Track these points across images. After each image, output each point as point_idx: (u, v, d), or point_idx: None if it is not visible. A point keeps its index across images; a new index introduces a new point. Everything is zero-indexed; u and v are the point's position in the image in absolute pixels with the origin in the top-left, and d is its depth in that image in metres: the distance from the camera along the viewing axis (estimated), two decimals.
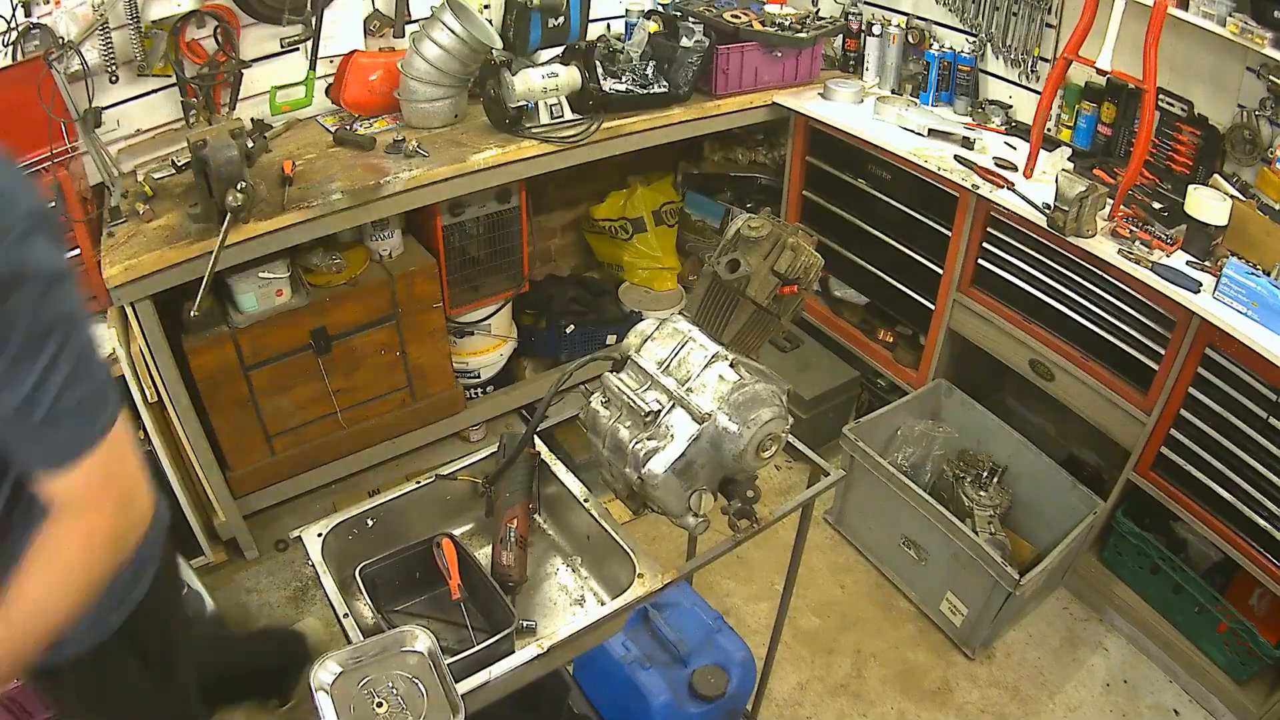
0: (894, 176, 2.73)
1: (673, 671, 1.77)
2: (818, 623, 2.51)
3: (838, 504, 2.78)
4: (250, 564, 2.59)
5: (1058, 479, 2.50)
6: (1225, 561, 2.23)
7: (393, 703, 1.10)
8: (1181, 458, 2.18)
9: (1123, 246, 2.13)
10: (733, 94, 2.87)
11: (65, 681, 1.18)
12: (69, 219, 1.97)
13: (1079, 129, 2.56)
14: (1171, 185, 2.30)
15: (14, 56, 2.02)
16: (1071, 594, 2.62)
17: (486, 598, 1.33)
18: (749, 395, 1.22)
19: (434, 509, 1.49)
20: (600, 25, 3.00)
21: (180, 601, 1.31)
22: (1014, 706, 2.31)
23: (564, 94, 2.56)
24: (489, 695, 1.16)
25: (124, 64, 2.20)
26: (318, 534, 1.34)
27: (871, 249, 2.90)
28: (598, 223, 3.49)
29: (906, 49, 2.96)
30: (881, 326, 3.05)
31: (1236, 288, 1.94)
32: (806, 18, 3.01)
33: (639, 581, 1.29)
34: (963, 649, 2.43)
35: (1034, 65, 2.68)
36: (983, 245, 2.51)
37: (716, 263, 1.32)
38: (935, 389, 2.78)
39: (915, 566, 2.52)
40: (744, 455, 1.22)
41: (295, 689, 2.04)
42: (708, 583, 2.55)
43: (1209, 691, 2.28)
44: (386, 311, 2.55)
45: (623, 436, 1.27)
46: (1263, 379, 1.96)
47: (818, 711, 2.27)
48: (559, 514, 1.52)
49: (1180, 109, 2.29)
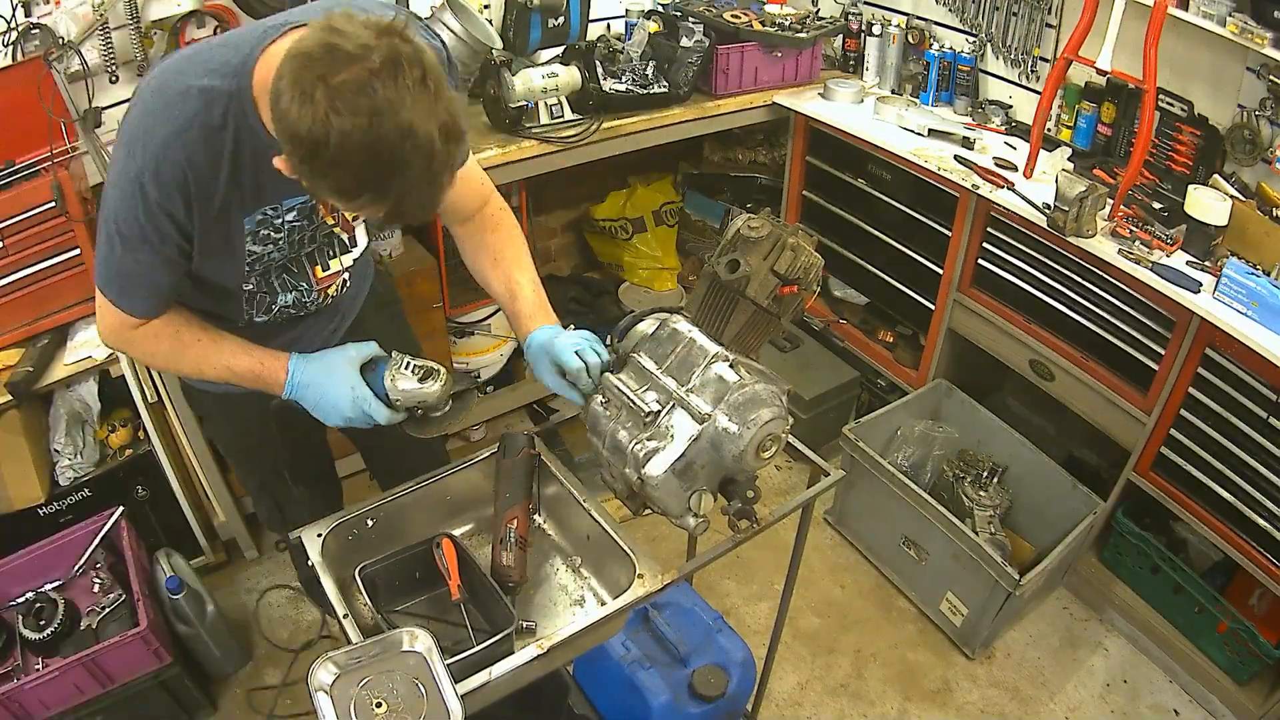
0: (894, 176, 2.73)
1: (673, 671, 1.77)
2: (818, 623, 2.50)
3: (838, 504, 2.78)
4: (250, 564, 2.59)
5: (1058, 479, 2.50)
6: (1225, 561, 2.24)
7: (392, 703, 1.10)
8: (1181, 458, 2.18)
9: (1123, 246, 2.13)
10: (733, 94, 2.87)
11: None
12: (69, 219, 1.97)
13: (1079, 129, 2.56)
14: (1171, 185, 2.30)
15: (14, 56, 2.02)
16: (1071, 594, 2.62)
17: (486, 598, 1.32)
18: (749, 395, 1.21)
19: (434, 509, 1.49)
20: (600, 25, 3.00)
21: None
22: (1014, 706, 2.31)
23: (564, 94, 2.56)
24: (489, 695, 1.16)
25: (124, 64, 2.20)
26: (318, 534, 1.34)
27: (871, 249, 2.90)
28: (598, 223, 3.49)
29: (906, 49, 2.96)
30: (881, 326, 3.05)
31: (1236, 288, 1.93)
32: (806, 18, 3.01)
33: (639, 582, 1.29)
34: (963, 649, 2.43)
35: (1034, 65, 2.68)
36: (983, 245, 2.51)
37: (716, 263, 1.32)
38: (935, 389, 2.78)
39: (915, 566, 2.52)
40: (744, 455, 1.22)
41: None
42: (708, 583, 2.55)
43: (1209, 691, 2.28)
44: None
45: (622, 437, 1.27)
46: (1263, 379, 1.96)
47: (818, 711, 2.28)
48: (559, 514, 1.52)
49: (1180, 109, 2.29)
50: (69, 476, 2.17)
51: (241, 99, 1.12)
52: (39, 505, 2.13)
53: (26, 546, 2.06)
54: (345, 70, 0.94)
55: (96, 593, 2.06)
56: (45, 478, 2.14)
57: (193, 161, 1.12)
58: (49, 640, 1.93)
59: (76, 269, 2.03)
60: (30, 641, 1.93)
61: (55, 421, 2.17)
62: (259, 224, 1.26)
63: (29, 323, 2.06)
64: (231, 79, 1.11)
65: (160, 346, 1.31)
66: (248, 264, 1.30)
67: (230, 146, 1.14)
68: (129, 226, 1.16)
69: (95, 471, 2.20)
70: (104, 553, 2.11)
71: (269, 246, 1.30)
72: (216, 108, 1.11)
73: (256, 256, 1.30)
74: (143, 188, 1.12)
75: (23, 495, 2.10)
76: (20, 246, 1.96)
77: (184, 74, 1.13)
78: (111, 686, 1.94)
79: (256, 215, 1.25)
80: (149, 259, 1.20)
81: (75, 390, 2.20)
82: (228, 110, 1.12)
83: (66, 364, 2.07)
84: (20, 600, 2.03)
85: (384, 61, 0.95)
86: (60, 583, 2.07)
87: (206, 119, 1.11)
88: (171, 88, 1.12)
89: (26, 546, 2.06)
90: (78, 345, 2.11)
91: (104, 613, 2.00)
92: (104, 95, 2.18)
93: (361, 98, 0.94)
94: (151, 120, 1.11)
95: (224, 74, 1.11)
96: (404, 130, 0.96)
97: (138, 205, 1.13)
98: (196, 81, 1.11)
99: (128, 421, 2.26)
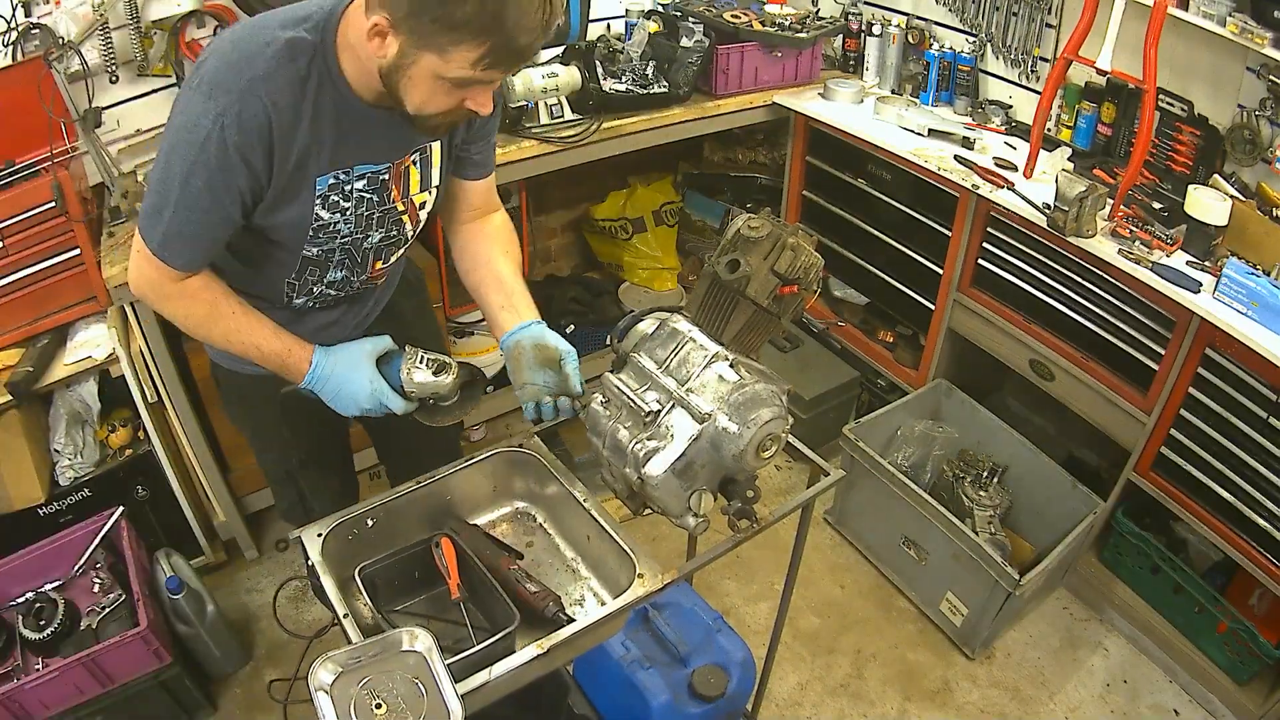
0: (894, 176, 2.73)
1: (673, 671, 1.77)
2: (818, 623, 2.50)
3: (838, 504, 2.78)
4: (250, 564, 2.59)
5: (1058, 479, 2.50)
6: (1225, 561, 2.24)
7: (392, 703, 1.10)
8: (1181, 458, 2.18)
9: (1123, 246, 2.13)
10: (733, 94, 2.87)
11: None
12: (69, 219, 1.97)
13: (1079, 129, 2.56)
14: (1171, 185, 2.30)
15: (14, 56, 2.02)
16: (1071, 594, 2.62)
17: (486, 597, 1.33)
18: (749, 395, 1.21)
19: (434, 509, 1.49)
20: (600, 25, 3.00)
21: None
22: (1014, 706, 2.31)
23: (564, 94, 2.56)
24: (489, 695, 1.16)
25: (124, 64, 2.20)
26: (317, 534, 1.34)
27: (871, 249, 2.90)
28: (598, 223, 3.49)
29: (906, 49, 2.96)
30: (881, 326, 3.05)
31: (1236, 288, 1.93)
32: (806, 18, 3.01)
33: (639, 581, 1.29)
34: (963, 649, 2.43)
35: (1034, 65, 2.68)
36: (983, 245, 2.51)
37: (716, 263, 1.32)
38: (935, 389, 2.78)
39: (915, 566, 2.52)
40: (744, 455, 1.22)
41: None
42: (708, 583, 2.55)
43: (1209, 691, 2.28)
44: None
45: (622, 437, 1.27)
46: (1263, 379, 1.96)
47: (818, 711, 2.27)
48: (559, 514, 1.52)
49: (1180, 109, 2.29)
50: (69, 476, 2.17)
51: (325, 52, 1.14)
52: (39, 505, 2.13)
53: (26, 546, 2.06)
54: None
55: (96, 593, 2.06)
56: (45, 478, 2.14)
57: (277, 105, 1.13)
58: (49, 640, 1.94)
59: (76, 269, 2.03)
60: (30, 641, 1.93)
61: (55, 421, 2.17)
62: (330, 188, 1.27)
63: (29, 323, 2.06)
64: (316, 31, 1.14)
65: (195, 310, 1.30)
66: (312, 229, 1.30)
67: (313, 97, 1.16)
68: (196, 173, 1.14)
69: (95, 471, 2.21)
70: (104, 553, 2.11)
71: (336, 215, 1.30)
72: (301, 57, 1.14)
73: (323, 224, 1.30)
74: (224, 129, 1.11)
75: (23, 495, 2.10)
76: (20, 246, 1.96)
77: (266, 27, 1.15)
78: (111, 686, 1.94)
79: (329, 178, 1.26)
80: (208, 209, 1.19)
81: (75, 390, 2.20)
82: (312, 60, 1.14)
83: (66, 364, 2.07)
84: (20, 600, 2.03)
85: None
86: (60, 583, 2.07)
87: (292, 66, 1.13)
88: (254, 39, 1.13)
89: (26, 546, 2.06)
90: (78, 345, 2.11)
91: (104, 613, 2.00)
92: (104, 95, 2.18)
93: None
94: (234, 68, 1.12)
95: (309, 26, 1.14)
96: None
97: (212, 149, 1.12)
98: (281, 32, 1.13)
99: (128, 421, 2.26)
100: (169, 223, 1.19)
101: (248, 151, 1.15)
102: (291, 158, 1.19)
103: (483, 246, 1.53)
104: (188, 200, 1.17)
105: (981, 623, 2.35)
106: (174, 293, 1.28)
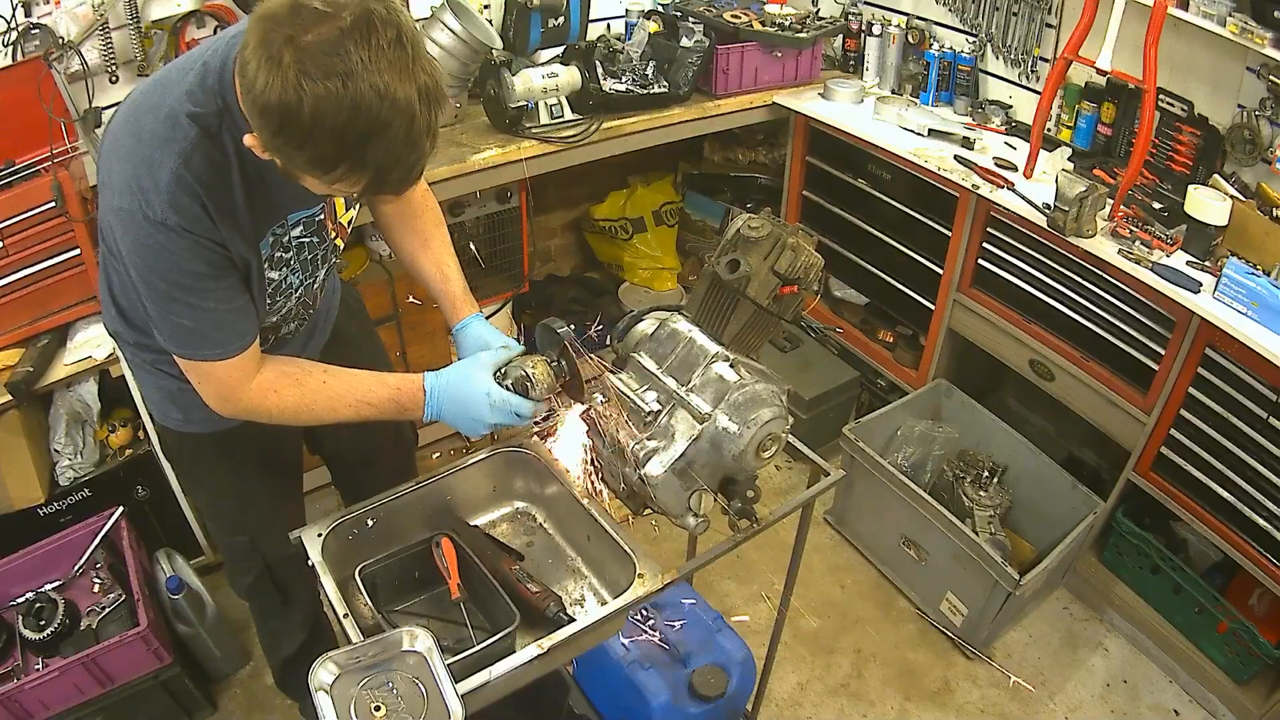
0: (894, 176, 2.73)
1: (673, 671, 1.77)
2: (818, 623, 2.50)
3: (838, 504, 2.78)
4: None
5: (1058, 479, 2.50)
6: (1225, 561, 2.23)
7: (392, 703, 1.10)
8: (1181, 458, 2.18)
9: (1123, 246, 2.13)
10: (733, 94, 2.87)
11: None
12: (69, 219, 1.97)
13: (1079, 129, 2.56)
14: (1171, 185, 2.30)
15: (14, 56, 2.02)
16: (1071, 594, 2.62)
17: (486, 597, 1.33)
18: (749, 395, 1.22)
19: (434, 509, 1.49)
20: (600, 25, 3.00)
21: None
22: (1014, 706, 2.30)
23: (564, 94, 2.56)
24: (489, 695, 1.16)
25: (124, 64, 2.20)
26: (318, 534, 1.34)
27: (871, 249, 2.90)
28: (598, 223, 3.49)
29: (906, 49, 2.96)
30: (881, 326, 3.05)
31: (1236, 288, 1.93)
32: (806, 18, 3.01)
33: (639, 581, 1.29)
34: (963, 649, 2.43)
35: (1034, 65, 2.68)
36: (983, 245, 2.51)
37: (716, 263, 1.32)
38: (935, 389, 2.78)
39: (915, 566, 2.52)
40: (744, 455, 1.22)
41: None
42: (708, 583, 2.55)
43: (1209, 691, 2.28)
44: (387, 312, 2.55)
45: (623, 437, 1.27)
46: (1263, 379, 1.96)
47: (818, 711, 2.27)
48: (559, 514, 1.52)
49: (1180, 109, 2.29)
50: (69, 476, 2.17)
51: (231, 115, 1.07)
52: (39, 505, 2.13)
53: (26, 546, 2.06)
54: (314, 30, 0.89)
55: (96, 593, 2.06)
56: (45, 478, 2.14)
57: (203, 182, 1.07)
58: (49, 640, 1.93)
59: (76, 269, 2.03)
60: (30, 641, 1.93)
61: (55, 421, 2.17)
62: (271, 245, 1.22)
63: (29, 323, 2.06)
64: (215, 98, 1.06)
65: (287, 400, 1.25)
66: (268, 295, 1.26)
67: (235, 162, 1.10)
68: (179, 274, 1.10)
69: (95, 471, 2.20)
70: (104, 553, 2.11)
71: (283, 270, 1.26)
72: (211, 128, 1.07)
73: (275, 285, 1.26)
74: (166, 227, 1.06)
75: (23, 495, 2.10)
76: (20, 246, 1.96)
77: (159, 106, 1.07)
78: (111, 686, 1.94)
79: (269, 236, 1.21)
80: (211, 289, 1.13)
81: (75, 390, 2.20)
82: (221, 127, 1.08)
83: (66, 364, 2.07)
84: (20, 600, 2.03)
85: (355, 20, 0.91)
86: (60, 583, 2.07)
87: (204, 140, 1.07)
88: (154, 124, 1.06)
89: (26, 546, 2.06)
90: (78, 345, 2.11)
91: (104, 613, 2.00)
92: (104, 95, 2.18)
93: (334, 59, 0.89)
94: (145, 162, 1.06)
95: (205, 94, 1.06)
96: (381, 92, 0.91)
97: (174, 246, 1.08)
98: (181, 107, 1.06)
99: (128, 421, 2.26)
100: (194, 325, 1.14)
101: (201, 230, 1.09)
102: (239, 228, 1.14)
103: (410, 239, 1.50)
104: (191, 294, 1.12)
105: (981, 623, 2.35)
106: (255, 395, 1.23)
